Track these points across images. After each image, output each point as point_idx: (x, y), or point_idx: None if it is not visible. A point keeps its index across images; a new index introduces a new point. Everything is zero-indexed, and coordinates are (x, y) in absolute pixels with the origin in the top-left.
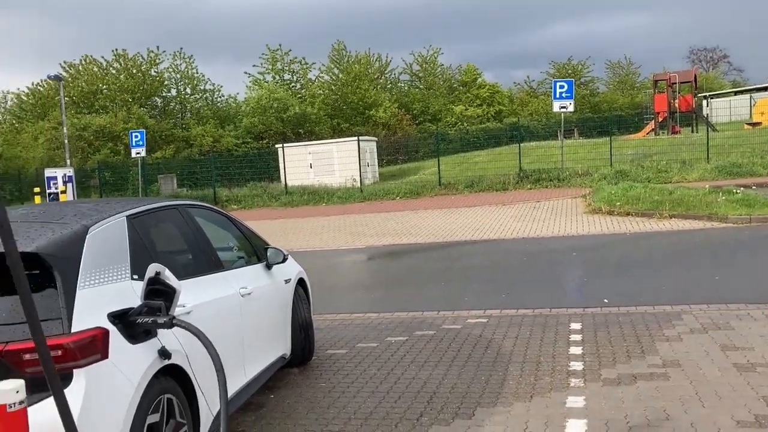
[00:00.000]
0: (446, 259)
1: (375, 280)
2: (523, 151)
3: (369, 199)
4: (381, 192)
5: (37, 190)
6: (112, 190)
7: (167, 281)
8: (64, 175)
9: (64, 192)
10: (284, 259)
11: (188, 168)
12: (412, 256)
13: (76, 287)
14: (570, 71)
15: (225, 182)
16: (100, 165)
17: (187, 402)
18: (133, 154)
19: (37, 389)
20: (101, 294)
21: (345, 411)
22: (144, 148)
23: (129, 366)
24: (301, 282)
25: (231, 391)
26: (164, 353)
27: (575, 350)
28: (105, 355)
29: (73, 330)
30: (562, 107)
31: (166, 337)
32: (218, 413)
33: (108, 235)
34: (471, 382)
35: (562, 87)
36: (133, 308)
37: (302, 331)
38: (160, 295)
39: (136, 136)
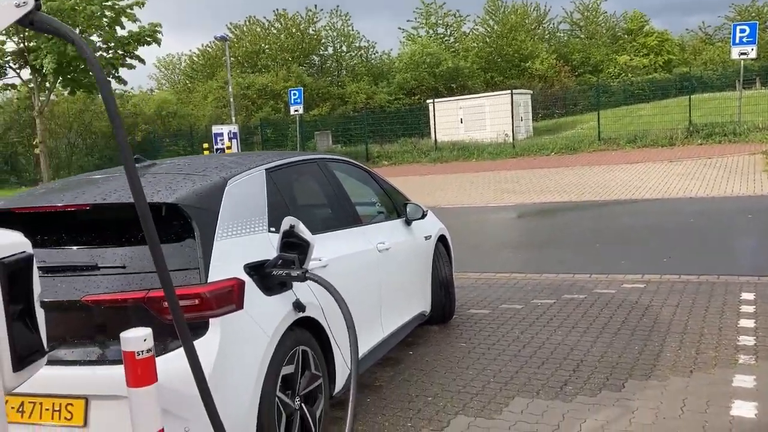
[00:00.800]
0: (603, 219)
1: (523, 239)
2: (694, 103)
3: (521, 154)
4: (534, 147)
5: (205, 146)
6: (273, 146)
7: (301, 234)
8: (230, 131)
9: (229, 148)
10: (423, 216)
11: (343, 125)
12: (564, 215)
13: (213, 238)
14: (754, 14)
15: (377, 138)
16: (262, 122)
17: (323, 355)
18: (292, 112)
19: (175, 338)
20: (238, 245)
21: (484, 373)
22: (302, 106)
23: (264, 317)
24: (442, 239)
25: (368, 346)
26: (299, 306)
27: (746, 323)
28: (240, 306)
29: (210, 280)
30: (742, 53)
31: (301, 290)
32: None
33: (246, 188)
34: (623, 351)
35: (743, 31)
36: (269, 260)
37: (442, 289)
38: (294, 248)
39: (295, 94)
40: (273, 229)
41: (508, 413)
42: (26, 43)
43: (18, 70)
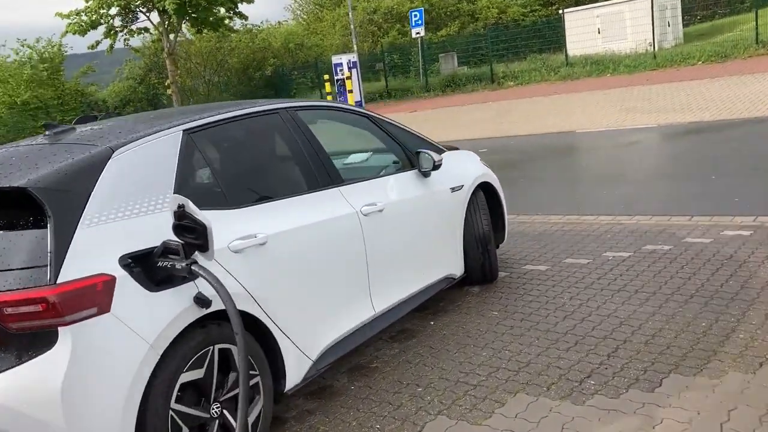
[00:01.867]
0: (731, 143)
1: (627, 171)
2: None
3: (662, 66)
4: (678, 57)
5: (326, 77)
6: (398, 72)
7: (194, 216)
8: (349, 60)
9: (349, 78)
10: (435, 166)
11: (472, 44)
12: (684, 140)
13: (76, 226)
14: None
15: (509, 56)
16: (385, 48)
17: (261, 349)
18: (413, 35)
19: (20, 350)
20: (119, 231)
21: (499, 355)
22: (423, 27)
23: (143, 320)
24: (486, 187)
25: (345, 329)
26: (202, 300)
27: None
28: (106, 308)
29: (62, 279)
30: None
31: (223, 275)
32: (322, 355)
33: (142, 158)
34: (683, 329)
35: None
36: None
37: (479, 246)
38: (191, 231)
39: (416, 15)
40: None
41: (499, 417)
42: None
43: (147, 14)
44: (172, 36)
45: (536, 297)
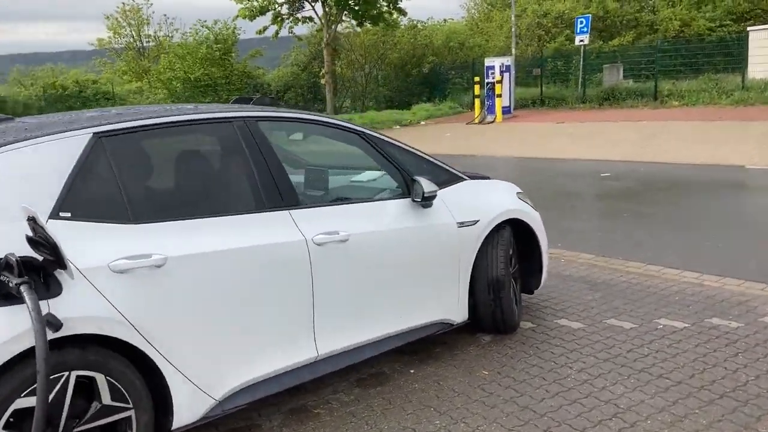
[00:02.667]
0: None
1: (753, 221)
2: None
3: None
4: None
5: (476, 79)
6: (558, 80)
7: (43, 230)
8: (502, 64)
9: (500, 82)
10: (425, 197)
11: (642, 56)
12: None
13: None
14: None
15: (680, 74)
16: (549, 54)
17: (142, 381)
18: (576, 42)
19: None
20: None
21: None
22: (587, 35)
23: None
24: (517, 224)
25: (274, 367)
26: (52, 322)
27: None
28: None
29: None
30: None
31: (77, 294)
32: (233, 394)
33: (32, 158)
34: None
35: None
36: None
37: (491, 292)
38: (45, 247)
39: (581, 22)
40: (67, 214)
41: None
42: None
43: (312, 4)
44: (333, 27)
45: (542, 361)
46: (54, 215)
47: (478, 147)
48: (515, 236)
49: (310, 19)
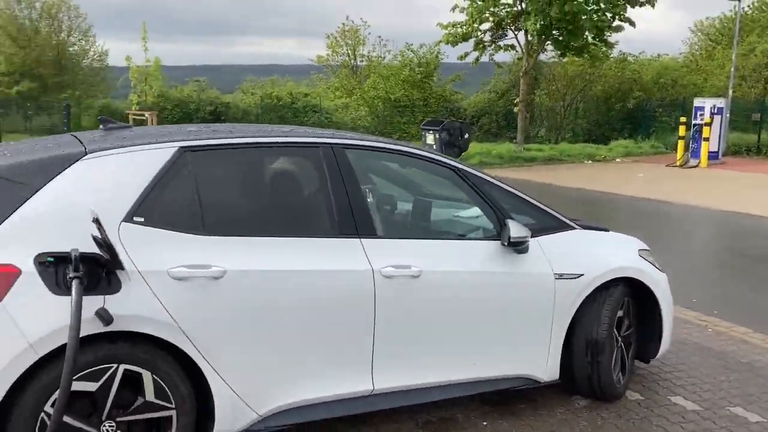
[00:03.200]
0: None
1: None
2: None
3: None
4: None
5: (682, 119)
6: None
7: (103, 231)
8: (713, 106)
9: (708, 124)
10: (510, 241)
11: None
12: None
13: (4, 218)
14: None
15: None
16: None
17: (187, 384)
18: None
19: None
20: (54, 231)
21: None
22: None
23: (32, 319)
24: (635, 284)
25: (324, 394)
26: (104, 316)
27: None
28: None
29: None
30: None
31: (132, 294)
32: (279, 413)
33: (114, 166)
34: None
35: None
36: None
37: (588, 353)
38: (102, 247)
39: None
40: (140, 219)
41: None
42: (522, 6)
43: (516, 32)
44: (534, 56)
45: None
46: (128, 219)
47: (672, 193)
48: (633, 297)
49: (512, 47)
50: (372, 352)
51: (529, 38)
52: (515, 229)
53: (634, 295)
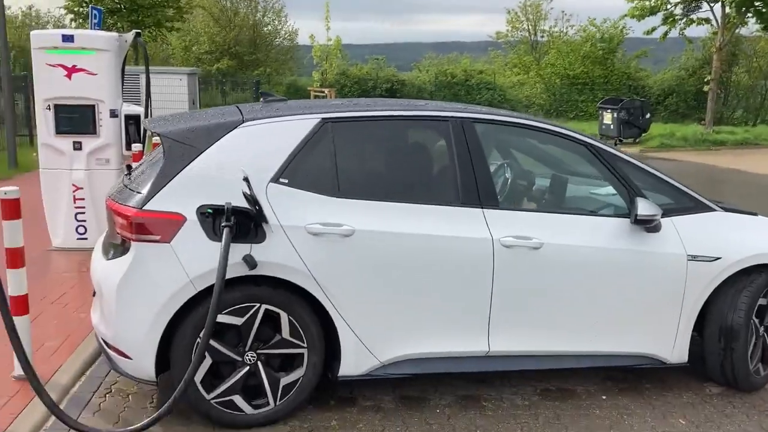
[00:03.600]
0: None
1: None
2: None
3: None
4: None
5: None
6: None
7: (251, 190)
8: None
9: None
10: (637, 219)
11: None
12: None
13: (178, 172)
14: None
15: None
16: None
17: (319, 327)
18: None
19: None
20: (213, 186)
21: None
22: None
23: (193, 259)
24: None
25: (442, 350)
26: (249, 261)
27: None
28: (165, 239)
29: (145, 208)
30: None
31: (274, 244)
32: (398, 362)
33: (268, 133)
34: None
35: None
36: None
37: (721, 339)
38: (251, 203)
39: None
40: (285, 181)
41: None
42: None
43: (711, 5)
44: (731, 30)
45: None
46: (275, 180)
47: None
48: None
49: (707, 20)
50: (489, 316)
51: (727, 10)
52: (644, 207)
53: None
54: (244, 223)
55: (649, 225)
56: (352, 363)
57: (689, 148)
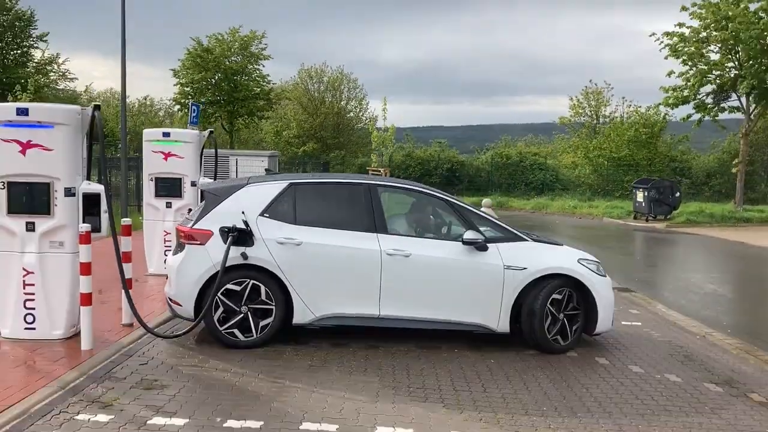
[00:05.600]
0: None
1: None
2: None
3: None
4: None
5: None
6: None
7: (246, 219)
8: None
9: None
10: (464, 241)
11: None
12: None
13: (210, 209)
14: None
15: None
16: None
17: (281, 294)
18: None
19: (180, 250)
20: (229, 217)
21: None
22: None
23: (216, 254)
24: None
25: (351, 312)
26: (244, 255)
27: None
28: (203, 243)
29: (193, 227)
30: None
31: (257, 249)
32: (325, 317)
33: (260, 190)
34: None
35: None
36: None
37: (530, 318)
38: (246, 226)
39: None
40: (267, 215)
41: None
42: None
43: (739, 95)
44: (754, 119)
45: (542, 375)
46: (261, 214)
47: None
48: (577, 290)
49: (738, 108)
50: (379, 294)
51: (749, 100)
52: (469, 234)
53: (577, 288)
54: (242, 236)
55: (475, 245)
56: (300, 315)
57: (714, 224)
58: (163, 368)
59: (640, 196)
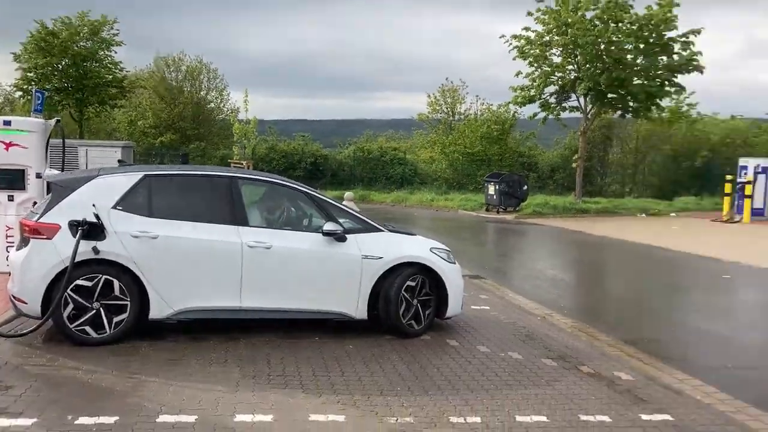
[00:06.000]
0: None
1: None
2: None
3: None
4: None
5: (728, 177)
6: None
7: (97, 212)
8: (758, 165)
9: (750, 182)
10: (324, 232)
11: None
12: None
13: (58, 203)
14: None
15: None
16: None
17: (136, 288)
18: None
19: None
20: (77, 209)
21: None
22: None
23: (64, 248)
24: (420, 268)
25: (213, 305)
26: (95, 250)
27: None
28: (50, 238)
29: (39, 220)
30: None
31: (110, 243)
32: (185, 311)
33: (112, 181)
34: None
35: None
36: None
37: (386, 304)
38: (97, 219)
39: None
40: (120, 207)
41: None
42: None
43: (578, 96)
44: (591, 118)
45: (397, 358)
46: (114, 207)
47: (682, 243)
48: (430, 277)
49: (577, 108)
50: (240, 286)
51: (585, 101)
52: (329, 226)
53: (430, 275)
54: (93, 230)
55: (334, 236)
56: (157, 310)
57: (557, 215)
58: (7, 369)
59: (491, 189)
